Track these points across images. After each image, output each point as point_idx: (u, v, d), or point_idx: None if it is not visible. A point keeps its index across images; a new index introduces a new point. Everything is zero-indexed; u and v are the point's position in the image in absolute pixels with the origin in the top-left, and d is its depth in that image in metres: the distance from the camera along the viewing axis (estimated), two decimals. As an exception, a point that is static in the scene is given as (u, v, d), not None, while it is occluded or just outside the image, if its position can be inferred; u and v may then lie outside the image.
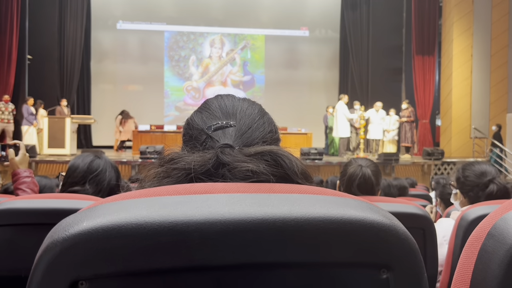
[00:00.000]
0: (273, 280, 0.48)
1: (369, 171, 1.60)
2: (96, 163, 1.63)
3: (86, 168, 1.61)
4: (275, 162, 0.59)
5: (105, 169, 1.63)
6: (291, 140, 10.08)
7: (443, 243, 1.64)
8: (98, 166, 1.62)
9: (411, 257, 0.50)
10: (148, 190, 0.52)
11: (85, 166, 1.61)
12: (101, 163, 1.64)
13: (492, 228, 0.55)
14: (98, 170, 1.61)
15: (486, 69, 10.63)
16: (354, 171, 1.60)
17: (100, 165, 1.63)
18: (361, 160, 1.69)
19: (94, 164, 1.62)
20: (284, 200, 0.49)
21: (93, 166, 1.62)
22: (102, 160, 1.65)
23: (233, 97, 0.72)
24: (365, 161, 1.68)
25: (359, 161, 1.68)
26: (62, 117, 8.95)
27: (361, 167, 1.61)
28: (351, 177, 1.59)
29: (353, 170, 1.61)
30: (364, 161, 1.68)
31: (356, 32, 12.53)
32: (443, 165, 9.14)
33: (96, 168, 1.62)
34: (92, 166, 1.62)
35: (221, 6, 12.96)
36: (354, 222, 0.48)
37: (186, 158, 0.59)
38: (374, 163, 1.70)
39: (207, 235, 0.45)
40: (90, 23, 12.28)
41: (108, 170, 1.63)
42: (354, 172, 1.60)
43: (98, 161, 1.64)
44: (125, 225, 0.44)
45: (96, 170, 1.61)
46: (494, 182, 1.60)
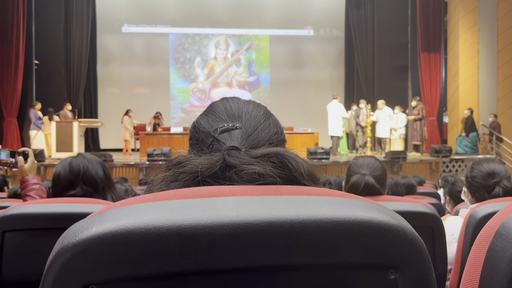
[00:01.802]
0: (281, 283, 0.48)
1: (372, 180, 1.55)
2: (76, 163, 1.59)
3: (68, 172, 1.57)
4: (282, 164, 0.59)
5: (86, 166, 1.58)
6: (298, 139, 10.06)
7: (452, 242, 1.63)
8: (78, 166, 1.58)
9: (419, 257, 0.50)
10: (156, 194, 0.52)
11: (66, 171, 1.57)
12: (80, 161, 1.59)
13: (500, 227, 0.55)
14: (80, 169, 1.57)
15: (493, 65, 10.54)
16: (357, 180, 1.55)
17: (80, 163, 1.59)
18: (364, 164, 1.63)
19: (74, 165, 1.58)
20: (291, 202, 0.50)
21: (74, 167, 1.58)
22: (80, 158, 1.61)
23: (238, 99, 0.72)
24: (368, 166, 1.62)
25: (362, 168, 1.61)
26: (70, 121, 9.01)
27: (364, 176, 1.56)
28: (354, 186, 1.54)
29: (356, 179, 1.56)
30: (366, 168, 1.61)
31: (361, 30, 12.49)
32: (451, 162, 9.07)
33: (77, 168, 1.57)
34: (73, 168, 1.58)
35: (225, 8, 12.98)
36: (362, 223, 0.48)
37: (193, 161, 0.60)
38: (379, 166, 1.64)
39: (215, 239, 0.45)
40: (96, 27, 12.36)
41: (90, 166, 1.58)
42: (357, 181, 1.55)
43: (77, 161, 1.59)
44: (134, 230, 0.44)
45: (78, 171, 1.57)
46: (500, 185, 1.58)
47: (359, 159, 1.68)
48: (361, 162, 1.65)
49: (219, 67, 13.13)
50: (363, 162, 1.65)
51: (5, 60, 9.58)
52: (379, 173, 1.60)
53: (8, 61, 9.59)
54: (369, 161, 1.65)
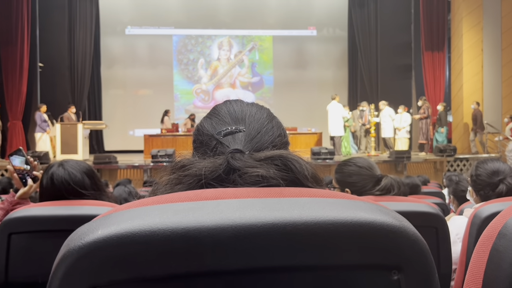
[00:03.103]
0: (285, 284, 0.48)
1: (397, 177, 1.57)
2: (56, 177, 1.49)
3: (50, 186, 1.49)
4: (285, 167, 0.60)
5: (67, 180, 1.48)
6: (301, 140, 10.06)
7: (457, 241, 1.63)
8: (58, 180, 1.49)
9: (421, 258, 0.50)
10: (160, 197, 0.53)
11: (49, 184, 1.50)
12: (60, 174, 1.49)
13: (503, 227, 0.55)
14: (61, 183, 1.48)
15: (497, 64, 10.49)
16: (389, 182, 1.55)
17: (60, 177, 1.49)
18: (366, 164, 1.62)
19: (55, 179, 1.49)
20: (294, 204, 0.50)
21: (55, 182, 1.49)
22: (60, 170, 1.50)
23: (241, 102, 0.73)
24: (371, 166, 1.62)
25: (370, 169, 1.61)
26: (74, 123, 9.06)
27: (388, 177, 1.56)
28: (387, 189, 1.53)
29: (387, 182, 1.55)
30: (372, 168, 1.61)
31: (364, 30, 12.47)
32: (455, 161, 9.04)
33: (58, 183, 1.49)
34: (54, 182, 1.49)
35: (228, 9, 13.00)
36: (364, 225, 0.49)
37: (197, 164, 0.60)
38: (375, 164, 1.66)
39: (219, 241, 0.46)
40: (99, 30, 12.42)
41: (72, 179, 1.49)
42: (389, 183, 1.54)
43: (57, 174, 1.50)
44: (139, 233, 0.45)
45: (59, 185, 1.48)
46: (504, 183, 1.59)
47: (358, 161, 1.66)
48: (367, 164, 1.64)
49: (223, 68, 13.15)
50: (369, 163, 1.64)
51: (9, 63, 9.64)
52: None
53: (12, 64, 9.65)
54: (369, 162, 1.65)
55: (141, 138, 10.17)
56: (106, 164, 8.30)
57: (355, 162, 1.66)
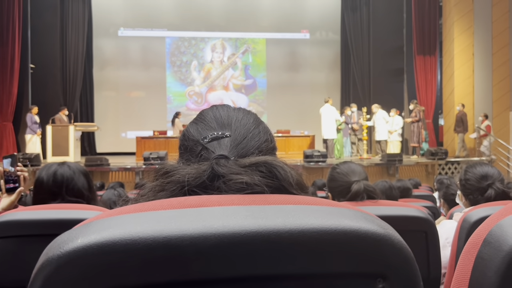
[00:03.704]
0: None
1: (369, 183, 1.55)
2: (60, 174, 1.52)
3: (52, 182, 1.51)
4: (270, 173, 0.59)
5: (71, 177, 1.52)
6: (294, 142, 10.07)
7: (446, 245, 1.64)
8: (62, 177, 1.52)
9: (406, 266, 0.50)
10: (142, 204, 0.52)
11: (50, 181, 1.51)
12: (65, 172, 1.53)
13: (488, 235, 0.55)
14: (64, 181, 1.51)
15: (487, 68, 10.59)
16: (358, 189, 1.53)
17: (65, 174, 1.52)
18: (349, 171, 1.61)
19: (58, 176, 1.52)
20: (279, 211, 0.50)
21: (58, 178, 1.51)
22: (65, 168, 1.54)
23: (228, 107, 0.72)
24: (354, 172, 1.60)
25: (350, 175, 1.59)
26: (66, 125, 8.99)
27: (361, 182, 1.54)
28: (357, 195, 1.51)
29: (357, 188, 1.53)
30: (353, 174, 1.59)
31: (357, 33, 12.53)
32: (447, 164, 9.10)
33: (61, 180, 1.51)
34: (57, 178, 1.51)
35: (221, 11, 13.01)
36: (349, 233, 0.48)
37: (180, 171, 0.60)
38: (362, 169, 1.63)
39: (201, 249, 0.45)
40: (92, 31, 12.36)
41: (75, 178, 1.53)
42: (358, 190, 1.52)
43: (61, 171, 1.53)
44: (119, 241, 0.44)
45: (62, 182, 1.51)
46: (493, 187, 1.59)
47: (340, 167, 1.65)
48: (345, 169, 1.63)
49: (216, 70, 13.14)
50: (348, 169, 1.63)
51: (0, 64, 9.55)
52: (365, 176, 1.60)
53: (3, 65, 9.56)
54: (352, 166, 1.64)
55: (134, 140, 10.11)
56: (97, 166, 8.25)
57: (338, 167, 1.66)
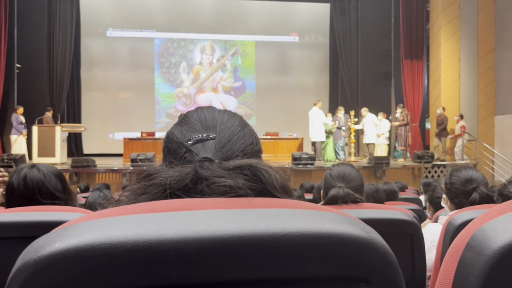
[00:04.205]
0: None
1: (349, 191, 1.53)
2: (31, 178, 1.46)
3: (23, 187, 1.45)
4: (254, 176, 0.59)
5: (42, 181, 1.46)
6: (283, 145, 10.09)
7: (432, 248, 1.65)
8: (33, 181, 1.46)
9: (389, 271, 0.50)
10: (123, 208, 0.51)
11: (21, 186, 1.45)
12: (35, 175, 1.47)
13: (471, 239, 0.55)
14: (35, 185, 1.45)
15: (473, 72, 10.75)
16: (336, 194, 1.53)
17: (35, 178, 1.46)
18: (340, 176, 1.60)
19: (28, 180, 1.46)
20: (262, 215, 0.49)
21: (28, 183, 1.46)
22: (35, 172, 1.48)
23: (213, 109, 0.71)
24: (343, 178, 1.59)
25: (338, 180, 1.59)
26: (52, 126, 8.87)
27: (342, 189, 1.54)
28: (333, 199, 1.52)
29: (334, 193, 1.54)
30: (342, 180, 1.58)
31: (346, 37, 12.62)
32: (433, 168, 9.19)
33: (32, 184, 1.45)
34: (28, 183, 1.46)
35: (211, 13, 12.99)
36: (332, 237, 0.48)
37: (163, 173, 0.59)
38: (355, 175, 1.62)
39: (183, 254, 0.44)
40: (80, 31, 12.24)
41: (46, 181, 1.47)
42: (336, 195, 1.52)
43: (32, 175, 1.46)
44: (98, 245, 0.43)
45: (33, 187, 1.45)
46: (477, 191, 1.61)
47: (334, 169, 1.65)
48: (337, 173, 1.62)
49: (205, 72, 13.11)
50: (338, 173, 1.62)
51: (-15, 64, 9.41)
52: (355, 184, 1.58)
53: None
54: (345, 171, 1.63)
55: (121, 141, 10.03)
56: (84, 168, 8.16)
57: (332, 169, 1.65)
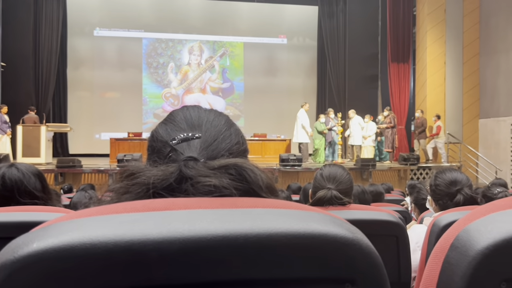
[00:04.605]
0: (234, 299, 0.46)
1: (337, 193, 1.53)
2: (9, 177, 1.41)
3: (1, 187, 1.40)
4: (240, 176, 0.58)
5: (21, 180, 1.42)
6: (271, 146, 10.10)
7: (417, 249, 1.66)
8: (11, 180, 1.41)
9: (374, 271, 0.50)
10: (104, 207, 0.50)
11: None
12: (14, 174, 1.42)
13: (455, 239, 0.56)
14: (13, 184, 1.40)
15: (458, 76, 10.91)
16: (323, 195, 1.53)
17: (14, 177, 1.41)
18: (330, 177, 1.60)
19: (7, 179, 1.41)
20: (247, 215, 0.48)
21: (7, 182, 1.41)
22: (14, 171, 1.43)
23: (199, 108, 0.70)
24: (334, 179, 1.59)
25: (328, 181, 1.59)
26: (37, 126, 8.74)
27: (330, 190, 1.54)
28: (320, 200, 1.52)
29: (322, 194, 1.53)
30: (333, 181, 1.58)
31: (333, 40, 12.70)
32: (418, 170, 9.29)
33: (11, 184, 1.41)
34: (6, 183, 1.41)
35: (199, 14, 12.95)
36: (317, 237, 0.48)
37: (147, 172, 0.58)
38: (345, 177, 1.62)
39: (165, 254, 0.43)
40: (66, 30, 12.10)
41: (25, 180, 1.42)
42: (323, 196, 1.52)
43: (10, 174, 1.42)
44: (78, 246, 0.42)
45: (12, 186, 1.40)
46: (462, 193, 1.62)
47: (325, 170, 1.64)
48: (328, 173, 1.62)
49: (193, 72, 13.06)
50: (329, 174, 1.62)
51: (-32, 61, 9.24)
52: (345, 186, 1.57)
53: (-28, 62, 9.24)
54: (336, 172, 1.63)
55: (108, 141, 9.93)
56: (70, 168, 8.05)
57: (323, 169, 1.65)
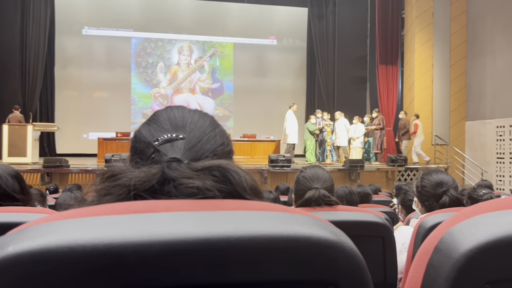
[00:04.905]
0: (216, 303, 0.46)
1: (326, 193, 1.53)
2: None
3: None
4: (224, 177, 0.57)
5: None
6: (260, 147, 10.11)
7: (403, 251, 1.67)
8: None
9: (358, 273, 0.50)
10: (84, 209, 0.49)
11: None
12: None
13: (439, 242, 0.56)
14: None
15: (446, 79, 11.04)
16: (312, 195, 1.52)
17: None
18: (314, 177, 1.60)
19: None
20: (229, 218, 0.48)
21: None
22: None
23: (183, 108, 0.69)
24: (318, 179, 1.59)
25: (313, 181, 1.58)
26: (24, 125, 8.62)
27: (318, 190, 1.53)
28: (309, 201, 1.51)
29: (311, 194, 1.52)
30: (317, 181, 1.58)
31: (323, 41, 12.76)
32: (406, 171, 9.37)
33: None
34: None
35: (189, 14, 12.91)
36: (301, 239, 0.47)
37: (128, 174, 0.56)
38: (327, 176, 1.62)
39: (145, 258, 0.42)
40: (54, 28, 11.95)
41: (3, 181, 1.38)
42: (312, 196, 1.51)
43: None
44: (55, 249, 0.41)
45: None
46: (447, 194, 1.64)
47: (307, 171, 1.64)
48: (310, 174, 1.62)
49: (182, 73, 13.01)
50: (313, 174, 1.62)
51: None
52: (329, 184, 1.59)
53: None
54: (318, 172, 1.63)
55: (95, 141, 9.84)
56: (57, 168, 7.95)
57: (304, 170, 1.65)
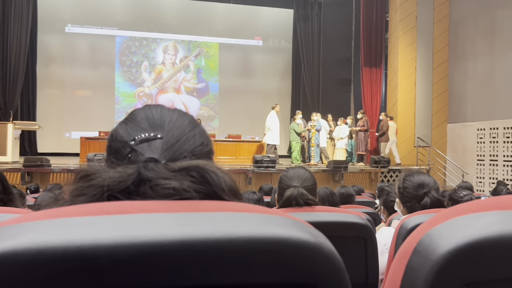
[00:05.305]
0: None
1: (305, 191, 1.52)
2: None
3: None
4: (202, 178, 0.56)
5: None
6: (245, 147, 10.09)
7: (385, 252, 1.68)
8: None
9: (337, 275, 0.49)
10: (56, 210, 0.47)
11: None
12: None
13: (418, 244, 0.56)
14: None
15: (428, 82, 11.22)
16: (291, 194, 1.52)
17: None
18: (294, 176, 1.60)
19: None
20: (206, 219, 0.47)
21: None
22: None
23: (162, 107, 0.68)
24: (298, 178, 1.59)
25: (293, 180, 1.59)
26: (4, 123, 8.44)
27: (297, 188, 1.53)
28: (289, 200, 1.51)
29: (290, 193, 1.52)
30: (297, 180, 1.58)
31: (308, 43, 12.83)
32: (389, 172, 9.48)
33: None
34: None
35: (175, 13, 12.83)
36: (279, 242, 0.47)
37: (103, 174, 0.55)
38: (309, 176, 1.62)
39: (118, 261, 0.41)
40: (37, 25, 11.73)
41: None
42: (291, 195, 1.51)
43: None
44: (23, 251, 0.39)
45: None
46: (429, 196, 1.65)
47: (289, 171, 1.65)
48: (292, 174, 1.62)
49: (167, 72, 12.91)
50: (294, 174, 1.62)
51: None
52: (310, 184, 1.58)
53: None
54: (299, 172, 1.63)
55: (78, 140, 9.69)
56: (38, 167, 7.81)
57: (287, 170, 1.65)
